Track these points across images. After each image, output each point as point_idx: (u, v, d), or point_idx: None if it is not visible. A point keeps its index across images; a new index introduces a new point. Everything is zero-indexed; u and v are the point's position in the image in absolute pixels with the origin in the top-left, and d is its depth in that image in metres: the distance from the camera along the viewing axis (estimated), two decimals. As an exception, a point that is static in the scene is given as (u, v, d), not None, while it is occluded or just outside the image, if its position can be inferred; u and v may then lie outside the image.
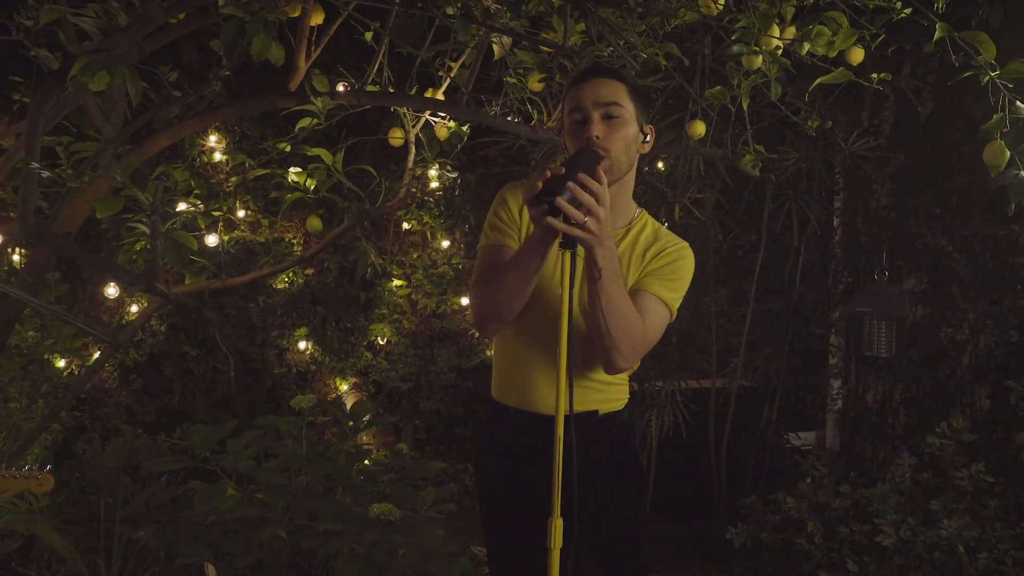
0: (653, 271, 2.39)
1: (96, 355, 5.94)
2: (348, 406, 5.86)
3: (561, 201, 1.94)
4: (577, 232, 1.98)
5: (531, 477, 2.34)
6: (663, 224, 2.67)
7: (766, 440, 5.51)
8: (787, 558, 3.94)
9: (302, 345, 6.37)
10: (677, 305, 2.43)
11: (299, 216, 6.04)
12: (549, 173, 2.00)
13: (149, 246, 3.09)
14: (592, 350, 2.32)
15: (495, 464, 2.59)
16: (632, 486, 2.62)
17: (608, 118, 2.29)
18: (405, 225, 6.22)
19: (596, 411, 2.47)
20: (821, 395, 5.83)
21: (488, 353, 6.50)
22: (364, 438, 4.30)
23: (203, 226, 4.14)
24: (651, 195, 4.96)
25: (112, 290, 4.74)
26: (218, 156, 5.73)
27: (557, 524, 1.98)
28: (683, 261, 2.44)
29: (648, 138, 2.42)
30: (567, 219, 1.96)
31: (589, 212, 1.97)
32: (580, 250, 2.06)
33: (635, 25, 3.14)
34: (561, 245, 2.01)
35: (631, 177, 2.45)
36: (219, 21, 2.62)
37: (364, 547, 3.21)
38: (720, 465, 5.43)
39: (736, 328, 5.48)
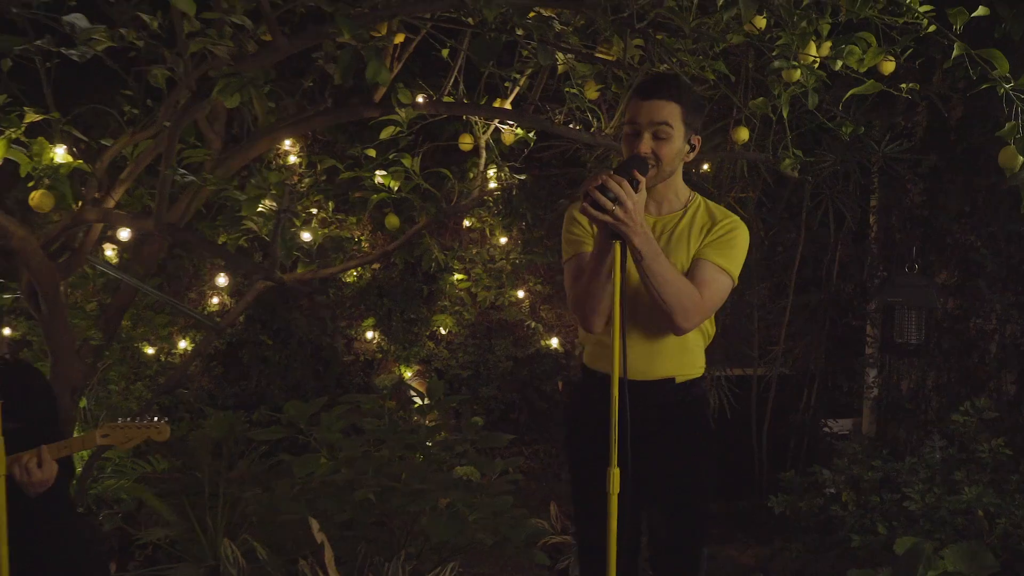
0: (710, 243, 2.77)
1: (181, 343, 6.45)
2: (413, 394, 6.32)
3: (593, 191, 2.37)
4: (608, 219, 2.38)
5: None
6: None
7: (805, 424, 5.85)
8: (822, 525, 4.30)
9: (369, 335, 6.81)
10: (736, 270, 2.79)
11: (368, 215, 6.47)
12: (601, 179, 2.40)
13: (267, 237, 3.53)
14: (660, 320, 2.72)
15: (585, 420, 2.98)
16: (703, 448, 2.97)
17: (657, 137, 2.68)
18: (466, 223, 6.65)
19: (673, 378, 2.84)
20: (858, 383, 6.17)
21: (542, 343, 6.93)
22: (428, 420, 4.71)
23: (298, 224, 4.59)
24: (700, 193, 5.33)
25: (223, 279, 5.19)
26: (292, 159, 6.18)
27: (615, 472, 2.37)
28: (736, 231, 2.81)
29: (695, 147, 2.80)
30: (598, 207, 2.37)
31: (617, 201, 2.37)
32: None
33: (687, 45, 3.52)
34: (610, 237, 2.42)
35: (678, 173, 2.83)
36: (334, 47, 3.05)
37: (446, 505, 3.63)
38: (762, 447, 5.78)
39: (776, 320, 5.84)
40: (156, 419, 3.21)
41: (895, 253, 5.93)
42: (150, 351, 6.12)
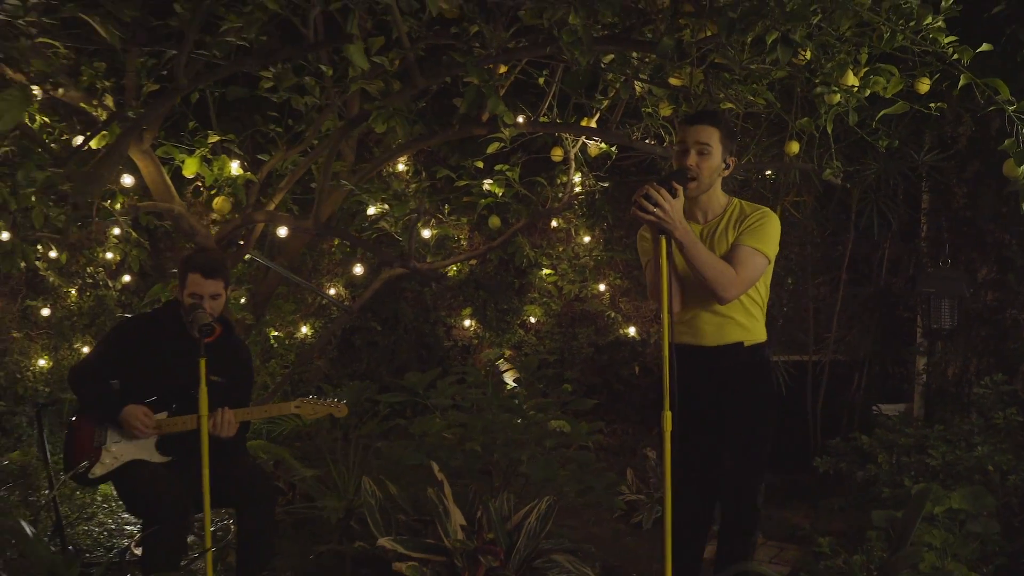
0: (743, 231, 3.50)
1: (303, 328, 7.36)
2: (504, 373, 7.13)
3: (639, 199, 3.10)
4: (651, 219, 3.11)
5: (693, 388, 3.48)
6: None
7: (855, 405, 6.50)
8: (861, 482, 4.98)
9: (467, 323, 7.66)
10: (769, 249, 3.49)
11: (466, 216, 7.29)
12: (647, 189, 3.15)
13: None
14: (704, 305, 3.48)
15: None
16: (766, 401, 3.71)
17: (700, 154, 3.43)
18: (553, 223, 7.45)
19: (741, 343, 3.58)
20: (908, 370, 6.77)
21: (621, 332, 7.70)
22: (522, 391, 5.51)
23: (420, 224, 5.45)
24: (757, 199, 6.04)
25: (359, 268, 6.06)
26: (401, 167, 7.03)
27: (667, 415, 3.10)
28: (766, 218, 3.54)
29: (729, 166, 3.54)
30: (644, 210, 3.10)
31: (657, 205, 3.10)
32: None
33: (741, 75, 4.25)
34: (658, 232, 3.14)
35: (716, 186, 3.57)
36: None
37: (543, 452, 4.41)
38: (815, 424, 6.43)
39: (830, 311, 6.51)
40: (336, 400, 4.08)
41: (943, 251, 6.54)
42: (274, 333, 7.05)
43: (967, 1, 3.95)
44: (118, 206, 5.58)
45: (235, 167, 4.41)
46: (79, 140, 3.91)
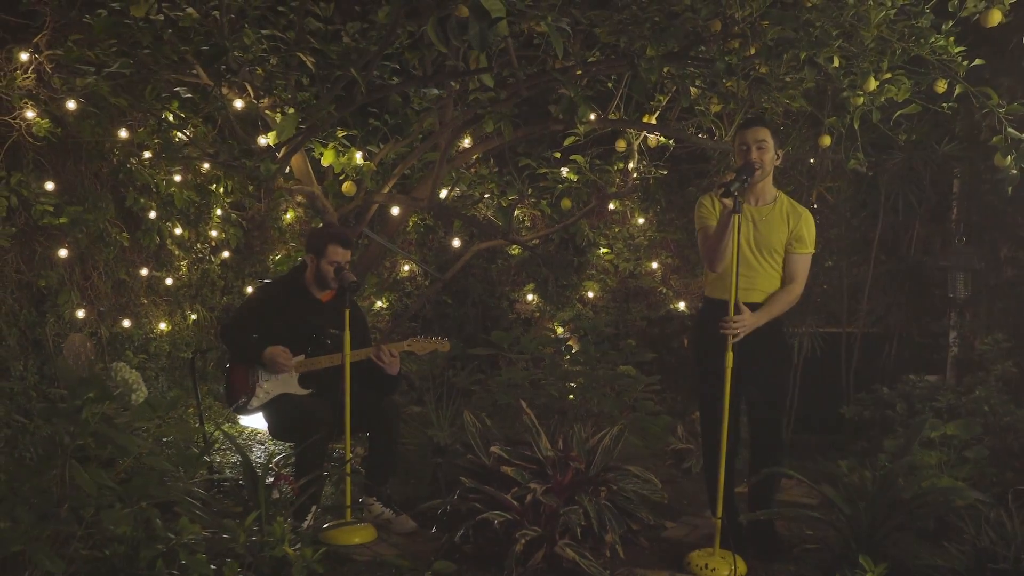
0: (794, 239, 4.98)
1: (378, 303, 8.90)
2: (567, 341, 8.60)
3: (728, 191, 4.59)
4: (729, 203, 4.59)
5: (721, 335, 4.95)
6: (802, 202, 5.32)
7: (886, 373, 7.89)
8: (880, 426, 6.42)
9: (529, 297, 9.17)
10: (813, 247, 5.04)
11: (544, 199, 8.77)
12: (729, 177, 4.64)
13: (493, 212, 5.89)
14: (756, 273, 4.98)
15: (704, 327, 5.20)
16: (782, 347, 5.24)
17: (760, 149, 4.91)
18: (611, 206, 8.95)
19: (760, 303, 5.05)
20: (937, 342, 8.11)
21: (671, 306, 9.19)
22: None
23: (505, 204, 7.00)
24: (796, 185, 7.50)
25: (456, 242, 7.62)
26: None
27: (729, 356, 4.62)
28: (808, 222, 5.04)
29: (780, 157, 5.03)
30: (729, 195, 4.59)
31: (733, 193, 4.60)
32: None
33: (778, 84, 5.71)
34: (731, 212, 4.63)
35: (770, 176, 5.05)
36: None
37: (613, 391, 5.91)
38: (848, 390, 7.84)
39: (862, 286, 7.92)
40: (439, 337, 5.59)
41: (973, 232, 7.92)
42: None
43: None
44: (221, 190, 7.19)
45: (359, 157, 5.93)
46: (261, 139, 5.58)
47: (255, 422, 6.02)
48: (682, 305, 9.13)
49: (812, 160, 7.56)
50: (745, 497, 5.31)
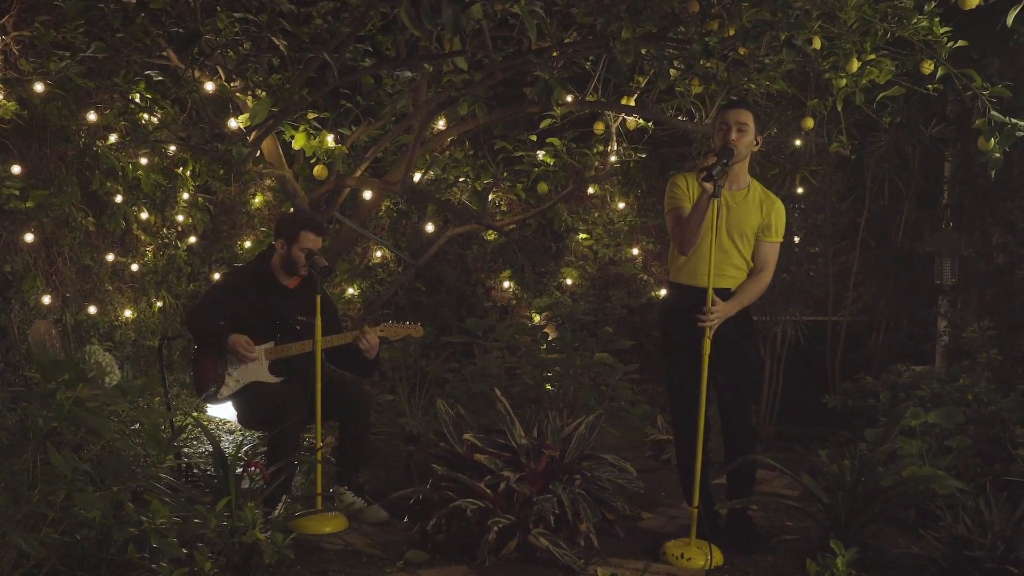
0: (766, 227, 5.19)
1: (349, 290, 9.07)
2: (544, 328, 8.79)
3: (709, 175, 4.77)
4: (710, 187, 4.77)
5: (691, 321, 5.14)
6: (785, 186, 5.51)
7: (872, 362, 8.10)
8: (865, 415, 6.63)
9: (505, 284, 9.36)
10: (782, 234, 5.25)
11: (520, 183, 8.92)
12: (710, 160, 4.81)
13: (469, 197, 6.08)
14: (727, 258, 5.16)
15: (673, 314, 5.39)
16: (749, 335, 5.41)
17: (739, 131, 5.08)
18: (590, 190, 9.14)
19: (730, 288, 5.24)
20: (925, 330, 8.31)
21: (652, 294, 9.38)
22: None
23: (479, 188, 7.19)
24: (779, 168, 7.70)
25: (430, 227, 7.80)
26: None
27: (707, 343, 4.82)
28: (778, 210, 5.23)
29: (759, 144, 5.21)
30: (711, 179, 4.78)
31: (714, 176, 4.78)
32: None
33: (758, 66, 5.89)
34: (711, 196, 4.81)
35: (746, 161, 5.23)
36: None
37: (590, 379, 6.11)
38: (833, 380, 8.04)
39: (847, 273, 8.12)
40: (410, 323, 5.76)
41: (964, 217, 8.11)
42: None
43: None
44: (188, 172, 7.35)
45: (330, 140, 6.10)
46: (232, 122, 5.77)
47: (223, 412, 6.19)
48: (663, 293, 9.32)
49: (798, 142, 7.75)
50: (723, 488, 5.50)
